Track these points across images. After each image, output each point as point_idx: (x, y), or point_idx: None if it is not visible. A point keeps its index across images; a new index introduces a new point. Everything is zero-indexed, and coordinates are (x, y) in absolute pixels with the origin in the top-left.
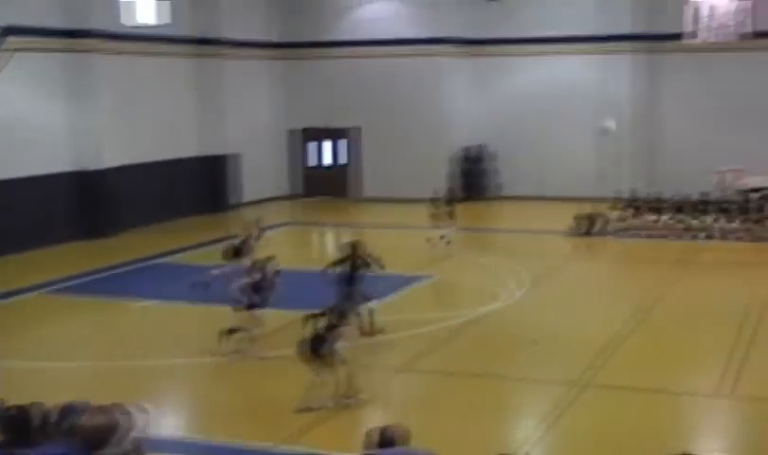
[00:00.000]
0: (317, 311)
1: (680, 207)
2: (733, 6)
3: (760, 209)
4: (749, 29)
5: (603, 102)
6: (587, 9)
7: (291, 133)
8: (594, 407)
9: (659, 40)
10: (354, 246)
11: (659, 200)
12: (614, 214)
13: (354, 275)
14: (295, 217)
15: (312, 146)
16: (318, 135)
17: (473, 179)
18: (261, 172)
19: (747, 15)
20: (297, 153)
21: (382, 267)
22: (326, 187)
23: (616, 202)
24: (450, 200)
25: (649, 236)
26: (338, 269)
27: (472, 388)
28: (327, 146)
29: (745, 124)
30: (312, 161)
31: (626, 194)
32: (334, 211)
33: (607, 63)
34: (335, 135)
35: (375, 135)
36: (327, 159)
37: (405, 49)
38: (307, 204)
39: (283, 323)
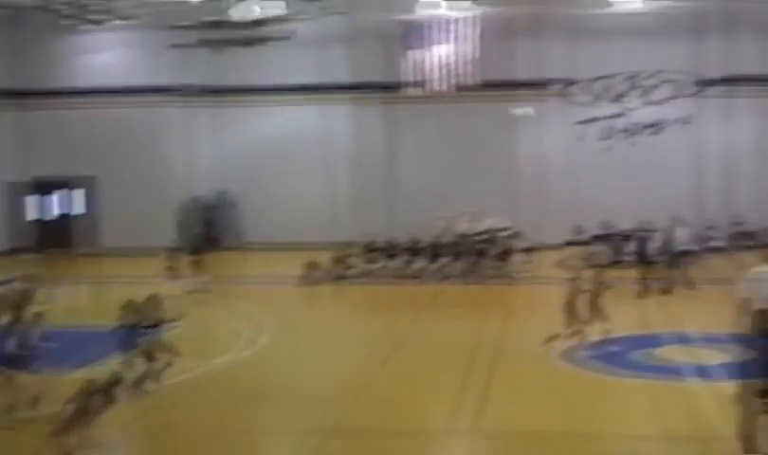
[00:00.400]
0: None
1: (414, 251)
2: (459, 56)
3: (484, 253)
4: (476, 80)
5: (338, 150)
6: (319, 59)
7: (17, 184)
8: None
9: (393, 89)
10: (145, 304)
11: (393, 245)
12: (352, 260)
13: (139, 332)
14: (24, 272)
15: (38, 198)
16: (49, 185)
17: (212, 228)
18: None
19: (473, 66)
20: (22, 204)
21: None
22: (59, 239)
23: (350, 248)
24: (196, 250)
25: (383, 281)
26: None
27: (211, 441)
28: (59, 197)
29: (475, 170)
30: (40, 213)
31: (362, 240)
32: (67, 265)
33: (342, 111)
34: (68, 185)
35: (112, 184)
36: (58, 210)
37: (138, 97)
38: (38, 258)
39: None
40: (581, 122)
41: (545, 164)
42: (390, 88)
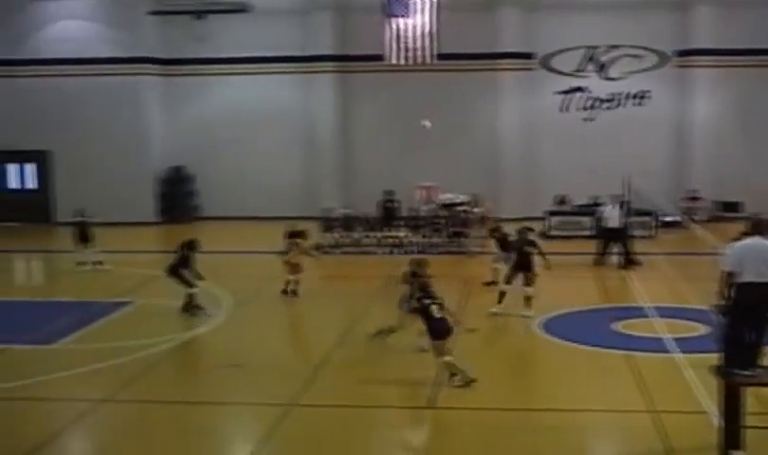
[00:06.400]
0: None
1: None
2: (421, 30)
3: (464, 224)
4: (433, 52)
5: (303, 123)
6: (286, 29)
7: None
8: (301, 427)
9: (353, 60)
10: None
11: (352, 218)
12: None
13: None
14: None
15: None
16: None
17: (171, 201)
18: None
19: (431, 40)
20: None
21: None
22: (15, 212)
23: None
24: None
25: (349, 252)
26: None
27: (177, 414)
28: (13, 169)
29: (430, 142)
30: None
31: (326, 213)
32: (28, 238)
33: (305, 82)
34: (21, 158)
35: (68, 158)
36: (13, 184)
37: (97, 68)
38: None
39: None
40: (560, 93)
41: (511, 136)
42: (357, 59)
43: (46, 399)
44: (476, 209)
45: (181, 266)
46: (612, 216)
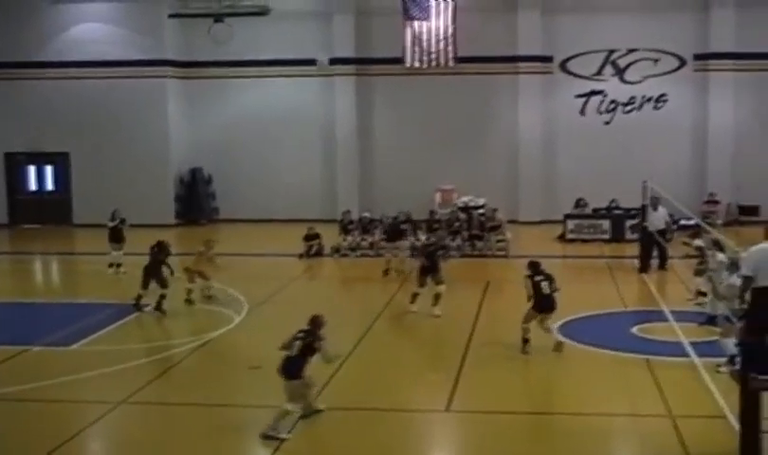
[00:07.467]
0: None
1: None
2: (440, 33)
3: (482, 227)
4: (451, 55)
5: (322, 126)
6: (304, 33)
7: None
8: (321, 429)
9: (372, 63)
10: None
11: (373, 221)
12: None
13: None
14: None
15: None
16: (21, 160)
17: (189, 203)
18: None
19: (449, 43)
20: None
21: None
22: (34, 214)
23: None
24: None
25: (367, 255)
26: None
27: (195, 417)
28: (32, 171)
29: (449, 145)
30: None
31: (344, 216)
32: (47, 240)
33: (324, 85)
34: (42, 160)
35: (88, 160)
36: (32, 186)
37: (117, 71)
38: (19, 233)
39: None
40: (579, 96)
41: (530, 139)
42: (376, 63)
43: (64, 401)
44: (489, 224)
45: (155, 267)
46: (658, 218)
